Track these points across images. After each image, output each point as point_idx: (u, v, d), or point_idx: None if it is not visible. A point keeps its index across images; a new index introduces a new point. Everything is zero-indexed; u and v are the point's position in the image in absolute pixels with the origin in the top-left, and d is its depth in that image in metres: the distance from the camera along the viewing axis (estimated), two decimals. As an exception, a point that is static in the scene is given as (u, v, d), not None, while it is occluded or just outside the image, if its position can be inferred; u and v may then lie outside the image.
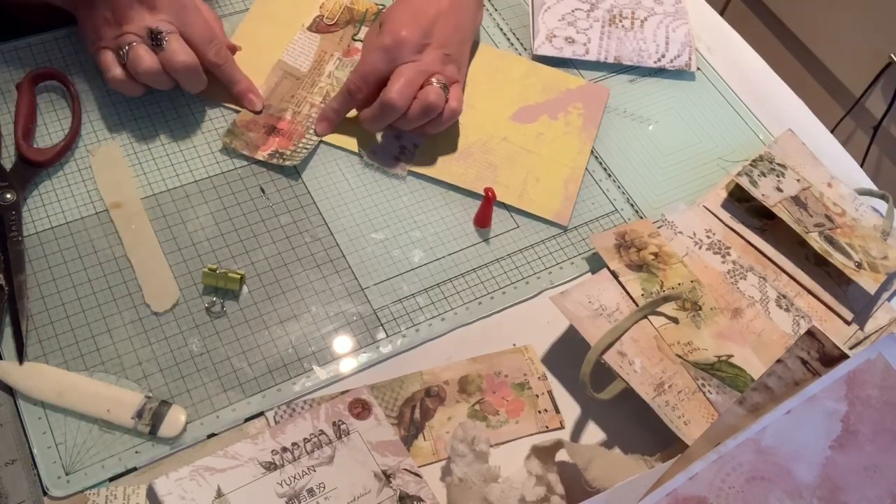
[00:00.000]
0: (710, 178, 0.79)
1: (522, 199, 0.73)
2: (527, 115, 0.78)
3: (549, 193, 0.74)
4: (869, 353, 0.49)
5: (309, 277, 0.66)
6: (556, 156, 0.76)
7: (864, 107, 1.53)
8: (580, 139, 0.78)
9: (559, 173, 0.75)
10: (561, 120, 0.78)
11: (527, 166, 0.75)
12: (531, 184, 0.74)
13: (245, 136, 0.71)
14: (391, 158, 0.73)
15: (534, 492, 0.56)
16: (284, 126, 0.73)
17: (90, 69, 0.74)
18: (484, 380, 0.63)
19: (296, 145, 0.72)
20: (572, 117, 0.79)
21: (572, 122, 0.78)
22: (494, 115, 0.78)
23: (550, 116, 0.78)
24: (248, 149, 0.71)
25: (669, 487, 0.48)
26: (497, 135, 0.76)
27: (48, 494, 0.54)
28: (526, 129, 0.77)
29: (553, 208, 0.73)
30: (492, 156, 0.75)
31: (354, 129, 0.74)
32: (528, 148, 0.76)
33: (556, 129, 0.78)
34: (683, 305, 0.66)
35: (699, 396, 0.62)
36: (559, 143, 0.77)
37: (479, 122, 0.77)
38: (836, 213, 0.75)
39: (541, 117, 0.78)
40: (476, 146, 0.75)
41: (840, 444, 0.47)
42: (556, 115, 0.79)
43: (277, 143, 0.72)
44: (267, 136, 0.72)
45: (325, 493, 0.54)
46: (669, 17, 0.88)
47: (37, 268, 0.63)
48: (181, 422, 0.57)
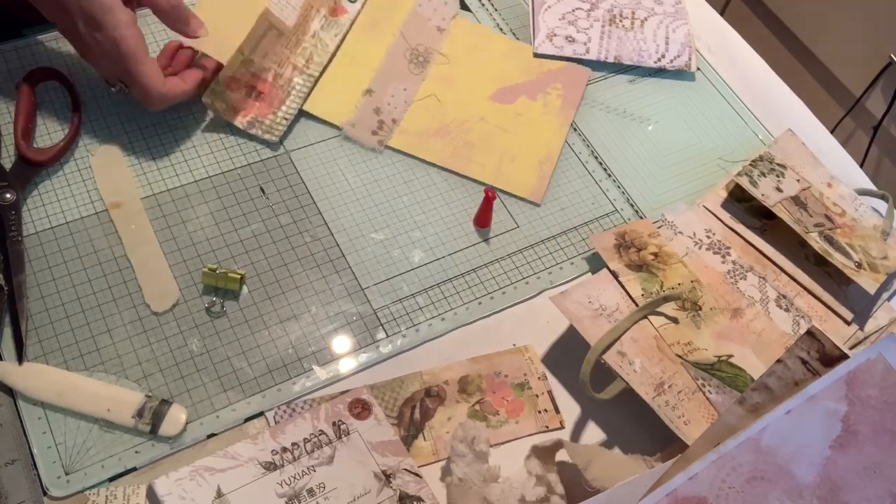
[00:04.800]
0: (710, 178, 0.79)
1: (498, 178, 0.74)
2: (506, 95, 0.79)
3: (524, 172, 0.74)
4: (869, 353, 0.49)
5: (309, 277, 0.66)
6: (533, 136, 0.77)
7: (864, 107, 1.53)
8: (558, 120, 0.78)
9: (535, 153, 0.76)
10: (540, 101, 0.79)
11: (503, 146, 0.75)
12: (507, 163, 0.74)
13: (226, 95, 0.70)
14: (369, 133, 0.73)
15: (534, 492, 0.56)
16: (266, 89, 0.72)
17: (90, 69, 0.74)
18: (484, 380, 0.63)
19: (275, 114, 0.71)
20: (551, 98, 0.79)
21: (551, 104, 0.79)
22: (473, 95, 0.78)
23: (529, 97, 0.79)
24: (228, 113, 0.70)
25: (669, 487, 0.48)
26: (475, 114, 0.77)
27: (48, 494, 0.54)
28: (504, 110, 0.78)
29: (527, 187, 0.74)
30: (469, 135, 0.75)
31: (335, 102, 0.74)
32: (505, 128, 0.76)
33: (534, 109, 0.78)
34: (683, 305, 0.66)
35: (699, 396, 0.62)
36: (536, 125, 0.78)
37: (459, 100, 0.78)
38: (836, 213, 0.75)
39: (519, 98, 0.79)
40: (454, 124, 0.76)
41: (840, 444, 0.47)
42: (535, 95, 0.79)
43: (257, 108, 0.71)
44: (247, 97, 0.71)
45: (325, 493, 0.54)
46: (669, 18, 0.88)
47: (37, 268, 0.63)
48: (181, 420, 0.57)
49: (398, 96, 0.76)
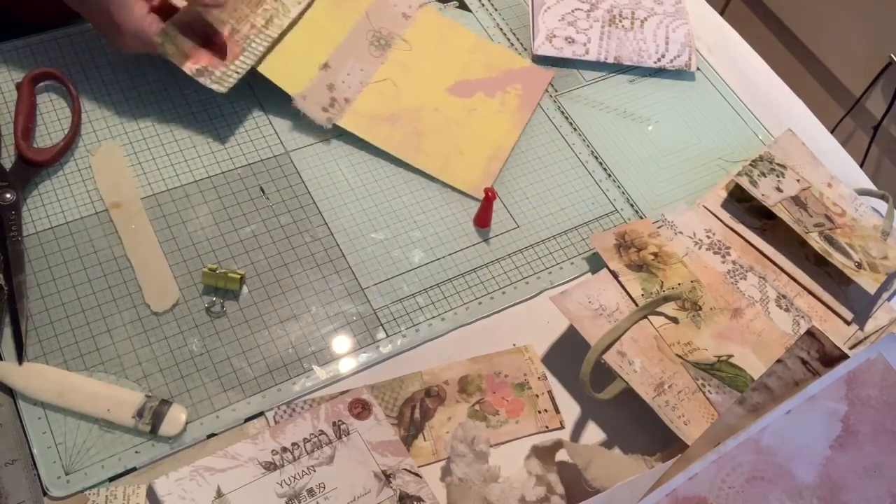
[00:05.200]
0: (710, 178, 0.79)
1: (443, 171, 0.73)
2: (464, 89, 0.79)
3: (470, 167, 0.74)
4: (869, 353, 0.49)
5: (309, 277, 0.66)
6: (485, 132, 0.76)
7: (864, 107, 1.53)
8: (512, 119, 0.78)
9: (484, 149, 0.75)
10: (497, 99, 0.79)
11: (453, 139, 0.75)
12: (455, 157, 0.74)
13: (178, 39, 0.69)
14: (319, 108, 0.73)
15: (534, 492, 0.56)
16: (219, 41, 0.71)
17: (90, 69, 0.74)
18: (484, 380, 0.63)
19: (227, 67, 0.70)
20: (509, 97, 0.79)
21: (508, 102, 0.79)
22: (431, 85, 0.78)
23: (487, 94, 0.79)
24: (178, 57, 0.69)
25: (669, 487, 0.48)
26: (430, 104, 0.76)
27: (48, 494, 0.54)
28: (460, 103, 0.77)
29: (471, 182, 0.73)
30: (421, 124, 0.75)
31: (290, 70, 0.73)
32: (457, 121, 0.76)
33: (490, 106, 0.78)
34: (683, 305, 0.66)
35: (699, 396, 0.62)
36: (490, 121, 0.77)
37: (415, 88, 0.77)
38: (836, 213, 0.75)
39: (477, 93, 0.79)
40: (407, 112, 0.75)
41: (840, 444, 0.47)
42: (493, 93, 0.79)
43: (209, 59, 0.70)
44: (201, 46, 0.70)
45: (325, 493, 0.54)
46: (669, 18, 0.88)
47: (37, 268, 0.63)
48: (182, 420, 0.57)
49: (354, 75, 0.75)
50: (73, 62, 0.74)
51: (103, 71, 0.74)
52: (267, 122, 0.74)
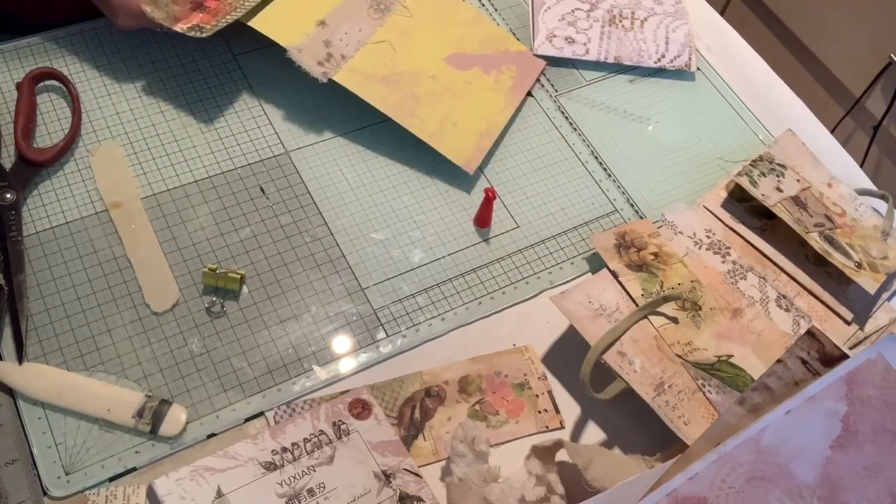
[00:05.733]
0: (710, 178, 0.79)
1: (435, 138, 0.72)
2: (460, 61, 0.78)
3: (462, 140, 0.73)
4: (869, 353, 0.49)
5: (309, 277, 0.66)
6: (479, 107, 0.76)
7: (864, 107, 1.53)
8: (506, 99, 0.78)
9: (477, 125, 0.75)
10: (492, 76, 0.78)
11: (448, 108, 0.74)
12: (448, 126, 0.74)
13: (169, 7, 0.69)
14: (315, 62, 0.72)
15: (534, 492, 0.56)
16: (213, 5, 0.70)
17: (90, 69, 0.74)
18: (484, 380, 0.63)
19: (217, 22, 0.70)
20: (504, 77, 0.79)
21: (502, 82, 0.78)
22: (429, 52, 0.77)
23: (483, 70, 0.78)
24: (169, 20, 0.68)
25: (669, 487, 0.48)
26: (427, 70, 0.76)
27: (48, 494, 0.54)
28: (456, 74, 0.77)
29: (463, 155, 0.73)
30: (417, 88, 0.74)
31: (286, 24, 0.73)
32: (453, 92, 0.76)
33: (485, 82, 0.78)
34: (683, 305, 0.66)
35: (699, 396, 0.62)
36: (485, 97, 0.77)
37: (413, 53, 0.77)
38: (836, 213, 0.75)
39: (473, 68, 0.78)
40: (404, 75, 0.75)
41: (840, 444, 0.47)
42: (488, 70, 0.79)
43: (200, 18, 0.69)
44: (192, 10, 0.70)
45: (325, 493, 0.54)
46: (669, 18, 0.88)
47: (37, 268, 0.63)
48: (182, 420, 0.57)
49: (352, 35, 0.75)
50: (73, 62, 0.74)
51: (103, 71, 0.74)
52: (267, 122, 0.74)
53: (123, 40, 0.76)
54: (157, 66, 0.75)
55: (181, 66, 0.76)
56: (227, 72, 0.76)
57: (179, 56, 0.76)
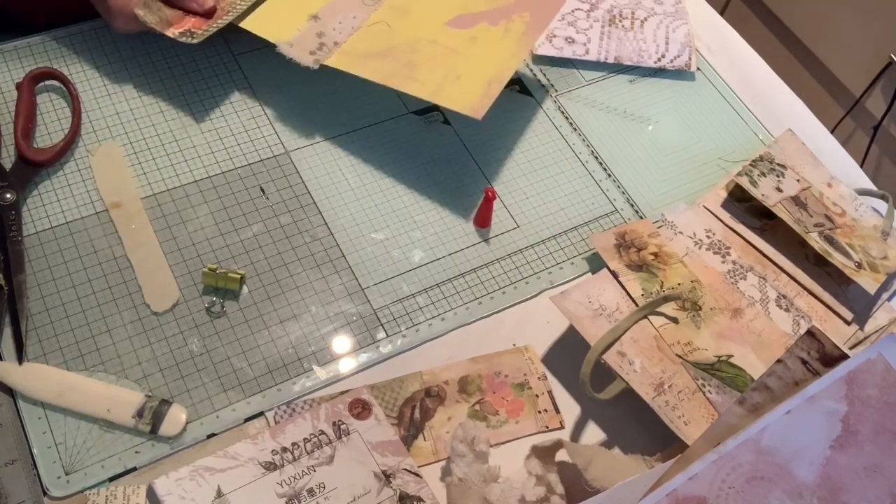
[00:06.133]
0: (710, 178, 0.79)
1: (437, 94, 0.69)
2: (465, 21, 0.75)
3: (467, 89, 0.69)
4: (869, 353, 0.49)
5: (309, 277, 0.66)
6: (486, 57, 0.72)
7: (864, 107, 1.53)
8: (517, 44, 0.74)
9: (484, 72, 0.71)
10: (501, 27, 0.75)
11: (449, 66, 0.71)
12: (451, 81, 0.70)
13: (161, 11, 0.69)
14: (306, 53, 0.70)
15: (534, 492, 0.56)
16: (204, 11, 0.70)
17: (90, 69, 0.74)
18: (484, 380, 0.63)
19: (209, 27, 0.69)
20: (515, 24, 0.75)
21: (513, 29, 0.75)
22: (429, 21, 0.74)
23: (490, 23, 0.75)
24: (161, 25, 0.68)
25: (669, 487, 0.48)
26: (426, 38, 0.73)
27: (48, 494, 0.54)
28: (459, 34, 0.74)
29: (468, 102, 0.68)
30: (415, 55, 0.71)
31: (276, 21, 0.72)
32: (456, 50, 0.72)
33: (492, 34, 0.74)
34: (683, 305, 0.66)
35: (699, 396, 0.62)
36: (492, 47, 0.73)
37: (410, 27, 0.74)
38: (836, 213, 0.75)
39: (479, 23, 0.75)
40: (400, 46, 0.72)
41: (840, 444, 0.47)
42: (496, 21, 0.75)
43: (192, 23, 0.69)
44: (184, 15, 0.70)
45: (325, 493, 0.54)
46: (669, 18, 0.88)
47: (37, 268, 0.63)
48: (182, 420, 0.57)
49: (346, 23, 0.73)
50: (73, 62, 0.74)
51: (103, 71, 0.74)
52: (267, 122, 0.74)
53: (123, 40, 0.76)
54: (157, 65, 0.75)
55: (181, 66, 0.76)
56: (227, 72, 0.76)
57: (179, 56, 0.76)
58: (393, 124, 0.76)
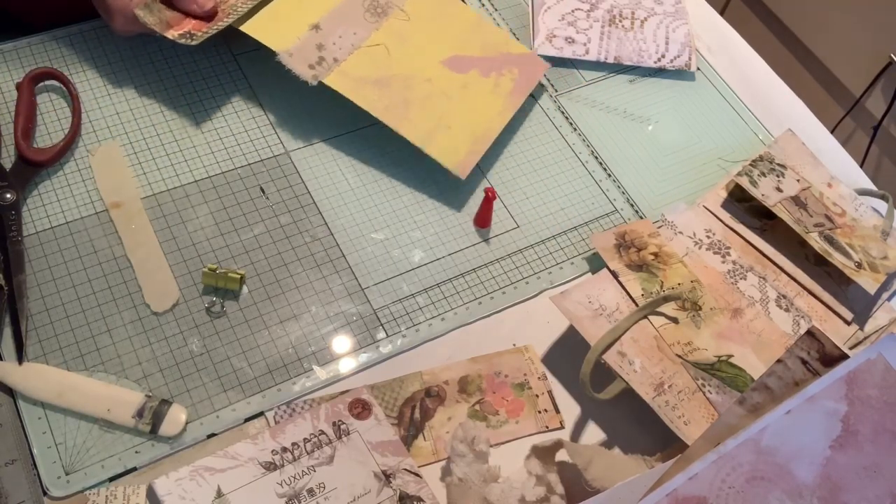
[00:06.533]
0: (710, 178, 0.79)
1: (427, 141, 0.70)
2: (459, 64, 0.76)
3: (455, 143, 0.71)
4: (869, 353, 0.49)
5: (309, 277, 0.66)
6: (476, 111, 0.74)
7: (864, 107, 1.53)
8: (504, 102, 0.76)
9: (472, 128, 0.73)
10: (492, 79, 0.76)
11: (441, 111, 0.73)
12: (441, 130, 0.72)
13: (162, 13, 0.69)
14: (305, 65, 0.71)
15: (534, 492, 0.56)
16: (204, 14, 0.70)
17: (90, 69, 0.74)
18: (484, 380, 0.63)
19: (209, 29, 0.69)
20: (504, 80, 0.77)
21: (502, 85, 0.76)
22: (425, 55, 0.76)
23: (482, 73, 0.76)
24: (160, 26, 0.68)
25: (669, 487, 0.48)
26: (422, 74, 0.74)
27: (48, 494, 0.54)
28: (453, 77, 0.75)
29: (455, 159, 0.70)
30: (410, 92, 0.73)
31: (278, 27, 0.72)
32: (448, 95, 0.74)
33: (483, 85, 0.76)
34: (683, 305, 0.66)
35: (699, 396, 0.62)
36: (482, 100, 0.75)
37: (408, 57, 0.75)
38: (836, 213, 0.75)
39: (472, 70, 0.76)
40: (397, 79, 0.73)
41: (840, 444, 0.47)
42: (488, 73, 0.77)
43: (192, 25, 0.69)
44: (184, 17, 0.70)
45: (325, 493, 0.54)
46: (669, 18, 0.88)
47: (37, 268, 0.63)
48: (182, 420, 0.57)
49: (346, 38, 0.73)
50: (73, 62, 0.74)
51: (103, 71, 0.74)
52: (267, 122, 0.74)
53: (123, 40, 0.76)
54: (157, 65, 0.75)
55: (181, 66, 0.76)
56: (227, 72, 0.76)
57: (179, 56, 0.76)
58: (393, 124, 0.76)
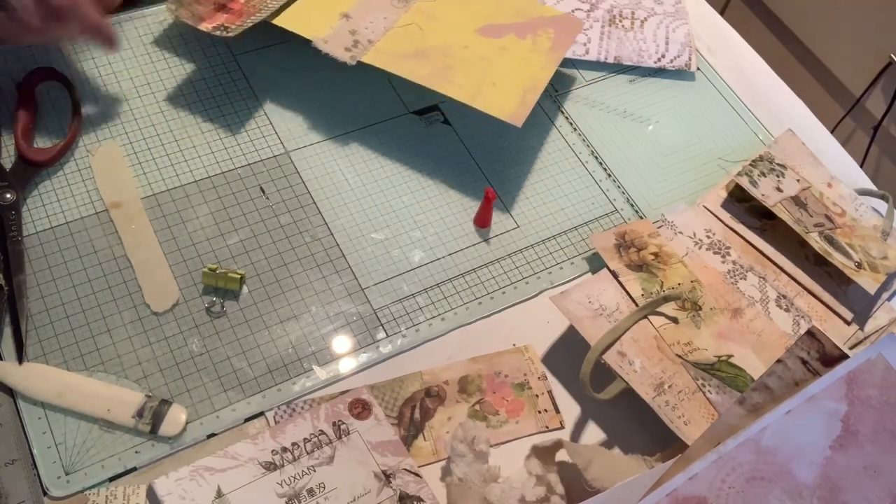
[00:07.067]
0: (710, 178, 0.79)
1: (475, 99, 0.70)
2: (493, 31, 0.77)
3: (505, 96, 0.71)
4: (869, 353, 0.49)
5: (309, 277, 0.66)
6: (519, 68, 0.74)
7: (864, 107, 1.53)
8: (546, 58, 0.76)
9: (519, 82, 0.73)
10: (529, 40, 0.77)
11: (485, 72, 0.73)
12: (487, 87, 0.72)
13: (192, 7, 0.70)
14: (342, 49, 0.72)
15: (534, 492, 0.56)
16: (237, 7, 0.72)
17: (90, 69, 0.74)
18: (484, 380, 0.63)
19: (243, 23, 0.71)
20: (541, 39, 0.77)
21: (540, 44, 0.77)
22: (459, 28, 0.77)
23: (518, 35, 0.77)
24: (193, 19, 0.69)
25: (669, 487, 0.48)
26: (458, 43, 0.75)
27: (48, 494, 0.54)
28: (490, 42, 0.76)
29: (507, 109, 0.70)
30: (450, 59, 0.73)
31: (311, 17, 0.73)
32: (489, 58, 0.74)
33: (522, 46, 0.76)
34: (683, 305, 0.66)
35: (699, 396, 0.62)
36: (523, 59, 0.75)
37: (441, 31, 0.76)
38: (836, 213, 0.75)
39: (508, 35, 0.77)
40: (434, 49, 0.74)
41: (840, 444, 0.47)
42: (524, 35, 0.77)
43: (225, 18, 0.70)
44: (215, 11, 0.71)
45: (325, 493, 0.54)
46: (669, 18, 0.88)
47: (37, 268, 0.63)
48: (181, 420, 0.57)
49: (377, 23, 0.75)
50: (73, 62, 0.74)
51: (103, 71, 0.74)
52: (267, 122, 0.74)
53: (123, 41, 0.76)
54: (158, 66, 0.75)
55: (181, 66, 0.76)
56: (227, 72, 0.76)
57: (180, 56, 0.76)
58: (393, 124, 0.77)
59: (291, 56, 0.78)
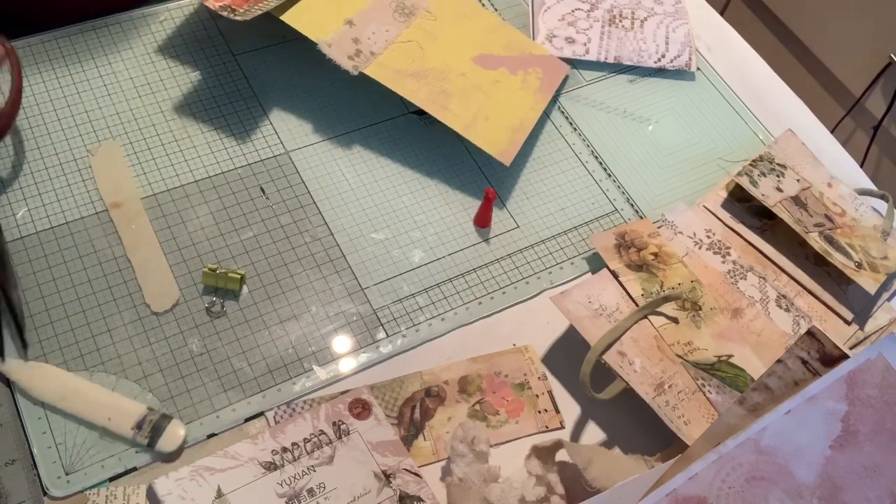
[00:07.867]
0: (710, 178, 0.79)
1: (469, 130, 0.73)
2: (488, 61, 0.79)
3: (496, 132, 0.74)
4: (869, 353, 0.49)
5: (309, 277, 0.66)
6: (510, 104, 0.76)
7: (864, 107, 1.53)
8: (534, 98, 0.78)
9: (509, 119, 0.75)
10: (519, 77, 0.79)
11: (479, 104, 0.75)
12: (481, 120, 0.74)
13: None
14: (345, 56, 0.72)
15: (534, 492, 0.56)
16: None
17: (90, 69, 0.74)
18: (484, 380, 0.63)
19: (250, 7, 0.71)
20: (531, 78, 0.79)
21: (530, 83, 0.79)
22: (456, 52, 0.78)
23: (510, 70, 0.79)
24: None
25: (669, 487, 0.48)
26: (456, 69, 0.77)
27: (48, 494, 0.54)
28: (485, 73, 0.78)
29: (498, 147, 0.73)
30: (447, 84, 0.75)
31: (316, 19, 0.74)
32: (483, 89, 0.76)
33: (513, 82, 0.78)
34: (683, 305, 0.66)
35: (699, 396, 0.62)
36: (514, 95, 0.77)
37: (440, 53, 0.77)
38: (836, 213, 0.75)
39: (501, 68, 0.79)
40: (434, 72, 0.75)
41: (840, 444, 0.47)
42: (515, 71, 0.79)
43: (232, 0, 0.70)
44: None
45: (325, 493, 0.54)
46: (669, 17, 0.88)
47: (37, 268, 0.63)
48: (180, 436, 0.56)
49: (379, 34, 0.76)
50: (73, 62, 0.74)
51: (103, 71, 0.74)
52: (267, 122, 0.74)
53: (124, 40, 0.76)
54: (158, 66, 0.75)
55: (181, 65, 0.76)
56: (227, 72, 0.76)
57: (180, 56, 0.76)
58: (393, 124, 0.77)
59: (291, 56, 0.78)
